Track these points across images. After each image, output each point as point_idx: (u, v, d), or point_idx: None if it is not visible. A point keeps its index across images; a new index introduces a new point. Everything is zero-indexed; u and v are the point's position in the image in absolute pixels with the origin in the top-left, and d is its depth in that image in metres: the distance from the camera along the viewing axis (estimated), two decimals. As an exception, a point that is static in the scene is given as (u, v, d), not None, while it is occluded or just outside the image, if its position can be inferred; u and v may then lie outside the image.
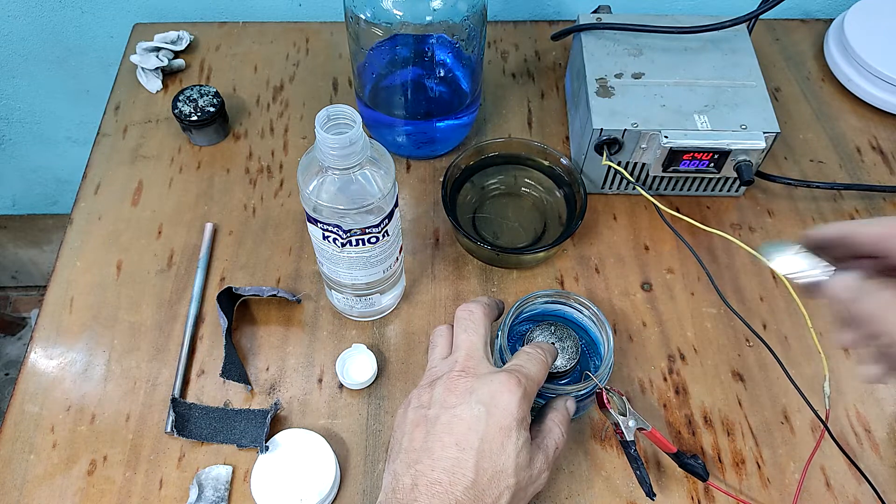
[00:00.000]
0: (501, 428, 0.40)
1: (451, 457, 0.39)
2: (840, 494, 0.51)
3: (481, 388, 0.41)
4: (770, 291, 0.61)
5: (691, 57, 0.66)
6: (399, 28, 0.57)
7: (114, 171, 0.69)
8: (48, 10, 0.83)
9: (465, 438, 0.39)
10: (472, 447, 0.39)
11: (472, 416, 0.40)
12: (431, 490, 0.38)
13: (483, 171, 0.66)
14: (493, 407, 0.40)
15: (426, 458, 0.39)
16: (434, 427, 0.40)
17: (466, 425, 0.40)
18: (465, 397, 0.41)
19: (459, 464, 0.39)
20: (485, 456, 0.39)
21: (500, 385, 0.41)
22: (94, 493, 0.51)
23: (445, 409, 0.41)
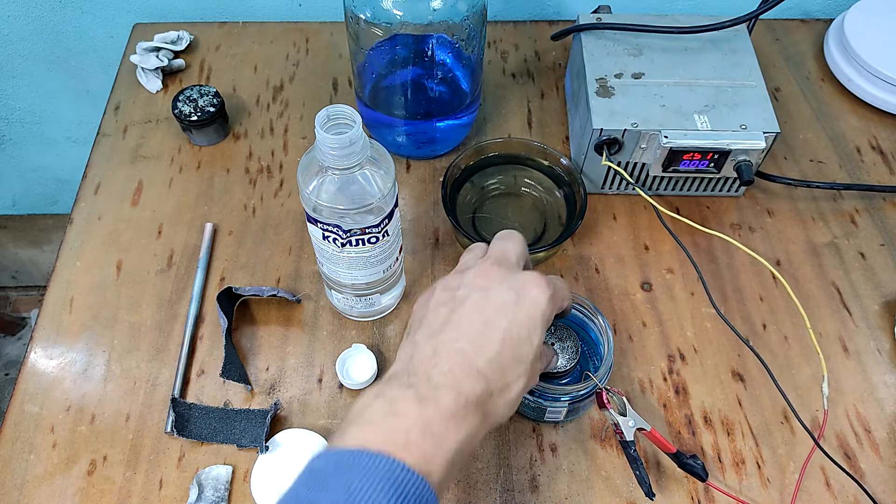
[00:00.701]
0: (530, 317, 0.40)
1: (478, 330, 0.39)
2: (840, 494, 0.51)
3: (514, 278, 0.41)
4: (770, 291, 0.61)
5: (691, 57, 0.66)
6: (399, 28, 0.57)
7: (114, 171, 0.69)
8: (48, 10, 0.83)
9: (494, 318, 0.39)
10: (500, 327, 0.39)
11: (503, 299, 0.40)
12: (453, 357, 0.37)
13: (483, 171, 0.66)
14: (524, 296, 0.40)
15: (451, 329, 0.39)
16: (462, 305, 0.40)
17: (496, 307, 0.39)
18: (497, 283, 0.41)
19: (485, 337, 0.38)
20: (511, 338, 0.39)
21: (532, 280, 0.41)
22: (94, 493, 0.51)
23: (475, 290, 0.40)
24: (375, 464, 0.33)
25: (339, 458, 0.34)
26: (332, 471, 0.34)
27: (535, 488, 0.52)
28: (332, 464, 0.34)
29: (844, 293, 0.62)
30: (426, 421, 0.35)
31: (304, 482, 0.34)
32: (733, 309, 0.60)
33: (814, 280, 0.62)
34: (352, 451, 0.34)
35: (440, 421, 0.35)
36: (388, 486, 0.33)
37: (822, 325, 0.60)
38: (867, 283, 0.62)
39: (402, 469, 0.33)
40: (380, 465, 0.33)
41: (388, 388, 0.37)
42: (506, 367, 0.38)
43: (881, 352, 0.58)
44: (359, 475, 0.33)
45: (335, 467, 0.34)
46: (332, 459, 0.34)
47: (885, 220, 0.66)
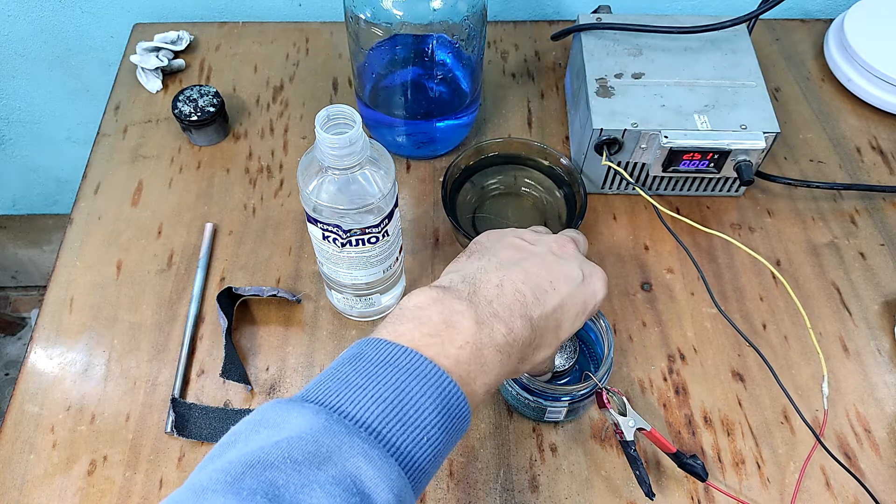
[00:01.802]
0: (584, 302, 0.41)
1: (543, 287, 0.40)
2: (840, 494, 0.51)
3: (585, 262, 0.43)
4: (770, 291, 0.61)
5: (691, 57, 0.66)
6: (399, 28, 0.57)
7: (114, 171, 0.69)
8: (48, 10, 0.83)
9: (559, 283, 0.40)
10: (561, 294, 0.40)
11: (572, 273, 0.41)
12: (514, 297, 0.38)
13: (483, 171, 0.66)
14: (589, 282, 0.42)
15: (519, 271, 0.40)
16: (534, 257, 0.42)
17: (564, 275, 0.41)
18: (570, 257, 0.43)
19: (547, 295, 0.40)
20: (564, 308, 0.40)
21: (599, 273, 0.43)
22: (94, 493, 0.51)
23: (550, 254, 0.42)
24: (427, 370, 0.34)
25: (391, 351, 0.35)
26: (383, 362, 0.34)
27: (535, 488, 0.52)
28: (383, 355, 0.35)
29: (844, 293, 0.62)
30: (479, 344, 0.36)
31: (352, 366, 0.35)
32: (733, 309, 0.60)
33: (814, 280, 0.62)
34: (405, 348, 0.35)
35: (490, 349, 0.36)
36: (437, 395, 0.34)
37: (822, 325, 0.60)
38: (867, 283, 0.62)
39: (450, 383, 0.34)
40: (432, 374, 0.34)
41: (448, 296, 0.38)
42: (549, 329, 0.40)
43: (881, 352, 0.58)
44: (410, 375, 0.34)
45: (386, 360, 0.34)
46: (382, 350, 0.35)
47: (885, 220, 0.66)
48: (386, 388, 0.33)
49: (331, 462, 0.30)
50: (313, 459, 0.30)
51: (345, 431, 0.31)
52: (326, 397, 0.33)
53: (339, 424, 0.31)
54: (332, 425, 0.31)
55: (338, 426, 0.31)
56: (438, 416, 0.33)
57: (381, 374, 0.34)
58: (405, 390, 0.33)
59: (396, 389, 0.33)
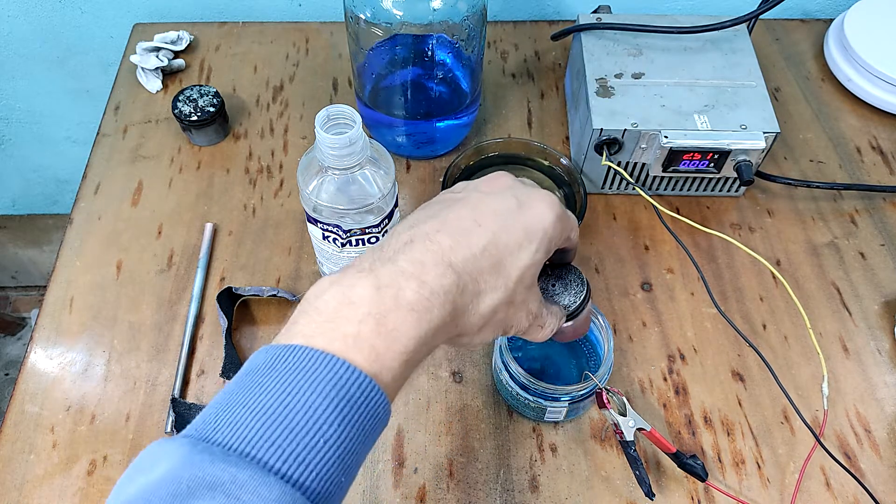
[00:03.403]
0: (526, 230, 0.36)
1: (464, 227, 0.35)
2: (840, 494, 0.51)
3: (521, 189, 0.37)
4: (770, 291, 0.61)
5: (691, 57, 0.66)
6: (399, 28, 0.57)
7: (114, 171, 0.69)
8: (48, 10, 0.83)
9: (486, 220, 0.35)
10: (489, 229, 0.35)
11: (503, 205, 0.36)
12: (427, 246, 0.33)
13: (483, 171, 0.66)
14: (527, 206, 0.36)
15: (435, 222, 0.35)
16: (455, 203, 0.36)
17: (492, 210, 0.36)
18: (501, 189, 0.37)
19: (469, 235, 0.34)
20: (497, 243, 0.35)
21: (541, 195, 0.37)
22: (93, 493, 0.51)
23: (475, 192, 0.37)
24: (316, 362, 0.30)
25: (277, 353, 0.31)
26: (268, 368, 0.30)
27: (535, 488, 0.52)
28: (269, 360, 0.30)
29: (844, 293, 0.62)
30: (381, 312, 0.31)
31: (240, 381, 0.31)
32: (733, 309, 0.60)
33: (814, 280, 0.62)
34: (291, 346, 0.30)
35: (398, 313, 0.31)
36: (329, 388, 0.29)
37: (822, 325, 0.60)
38: (867, 283, 0.62)
39: (346, 368, 0.30)
40: (320, 364, 0.29)
41: (346, 273, 0.33)
42: (483, 270, 0.34)
43: (881, 352, 0.58)
44: (296, 374, 0.29)
45: (272, 364, 0.30)
46: (270, 354, 0.31)
47: (885, 220, 0.66)
48: (269, 397, 0.29)
49: (193, 498, 0.26)
50: (174, 500, 0.26)
51: (208, 461, 0.27)
52: (204, 426, 0.29)
53: (203, 454, 0.27)
54: (195, 456, 0.27)
55: (201, 457, 0.27)
56: (336, 411, 0.29)
57: (267, 381, 0.30)
58: (291, 392, 0.29)
59: (282, 395, 0.29)
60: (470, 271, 0.34)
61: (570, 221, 0.39)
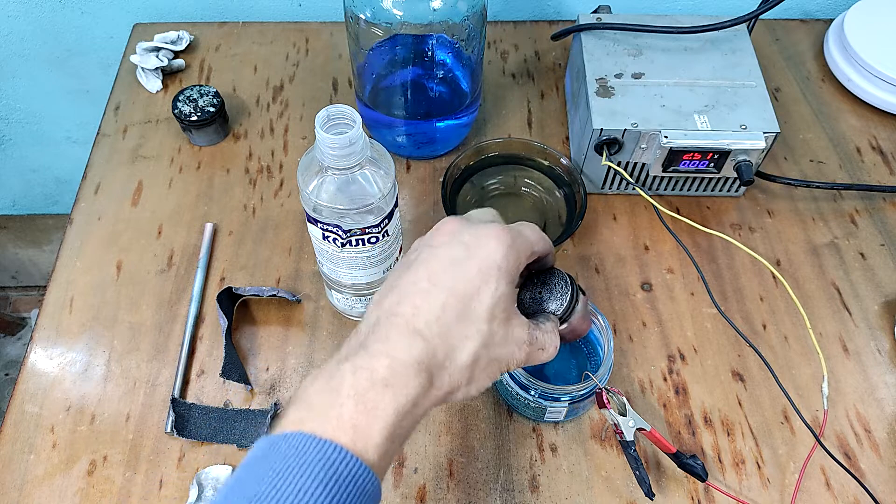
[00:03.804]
0: (480, 270, 0.36)
1: (421, 290, 0.36)
2: (840, 494, 0.51)
3: (467, 231, 0.38)
4: (770, 292, 0.61)
5: (691, 57, 0.66)
6: (399, 28, 0.57)
7: (114, 171, 0.69)
8: (48, 10, 0.83)
9: (440, 276, 0.36)
10: (445, 284, 0.36)
11: (451, 255, 0.37)
12: (391, 321, 0.35)
13: (483, 171, 0.66)
14: (475, 249, 0.37)
15: (395, 293, 0.37)
16: (409, 268, 0.38)
17: (443, 264, 0.37)
18: (448, 238, 0.38)
19: (427, 297, 0.36)
20: (456, 294, 0.36)
21: (487, 231, 0.38)
22: (94, 493, 0.51)
23: (426, 248, 0.38)
24: (304, 445, 0.31)
25: (270, 443, 0.32)
26: (262, 457, 0.32)
27: (535, 488, 0.52)
28: (264, 449, 0.32)
29: (844, 293, 0.62)
30: (359, 392, 0.33)
31: (239, 473, 0.33)
32: (733, 309, 0.60)
33: (814, 280, 0.62)
34: (282, 434, 0.32)
35: (374, 390, 0.33)
36: (318, 469, 0.31)
37: (822, 325, 0.60)
38: (867, 283, 0.62)
39: (332, 448, 0.31)
40: (308, 446, 0.31)
41: (328, 363, 0.35)
42: (450, 326, 0.35)
43: (881, 352, 0.58)
44: (287, 459, 0.31)
45: (265, 453, 0.32)
46: (263, 445, 0.33)
47: (885, 220, 0.66)
48: (264, 485, 0.31)
49: None
50: None
51: None
52: None
53: None
54: None
55: None
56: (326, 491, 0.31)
57: (261, 469, 0.32)
58: (284, 475, 0.31)
59: (275, 481, 0.31)
60: (437, 332, 0.35)
61: (527, 240, 0.40)
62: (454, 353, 0.36)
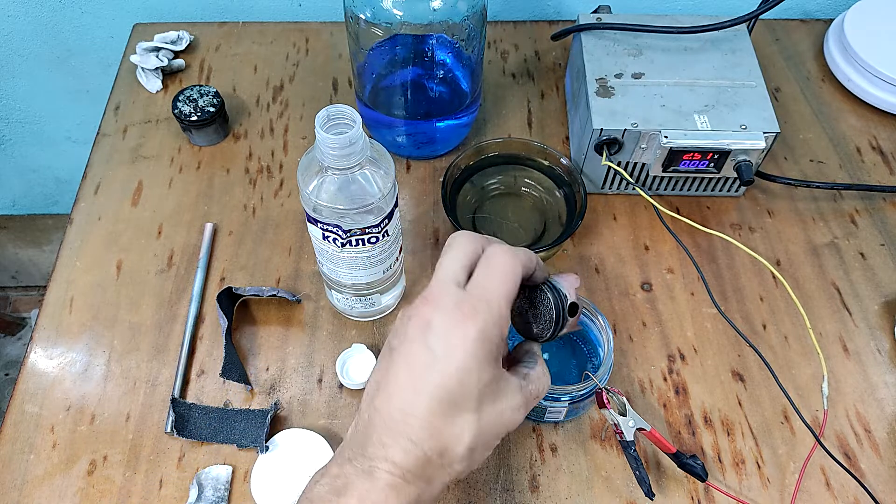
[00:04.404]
0: (458, 368, 0.36)
1: (407, 393, 0.37)
2: (840, 494, 0.51)
3: (437, 323, 0.37)
4: (770, 291, 0.61)
5: (691, 57, 0.66)
6: (399, 28, 0.57)
7: (114, 171, 0.69)
8: (48, 10, 0.83)
9: (421, 377, 0.37)
10: (426, 390, 0.36)
11: (427, 356, 0.37)
12: (384, 426, 0.37)
13: (483, 171, 0.66)
14: (448, 347, 0.37)
15: (383, 393, 0.38)
16: (393, 364, 0.38)
17: (422, 364, 0.37)
18: (421, 332, 0.37)
19: (415, 400, 0.36)
20: (441, 396, 0.36)
21: (454, 322, 0.37)
22: (94, 493, 0.51)
23: (406, 342, 0.38)
24: None
25: None
26: None
27: (535, 488, 0.52)
28: None
29: (844, 293, 0.62)
30: (361, 496, 0.35)
31: None
32: (733, 309, 0.60)
33: (814, 280, 0.62)
34: None
35: (375, 494, 0.35)
36: None
37: (822, 325, 0.60)
38: (867, 283, 0.62)
39: None
40: None
41: (332, 464, 0.38)
42: (439, 429, 0.36)
43: (881, 352, 0.58)
44: None
45: None
46: None
47: (885, 220, 0.66)
48: None
49: None
50: None
51: None
52: None
53: None
54: None
55: None
56: None
57: None
58: None
59: None
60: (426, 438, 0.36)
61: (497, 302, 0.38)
62: (449, 453, 0.37)
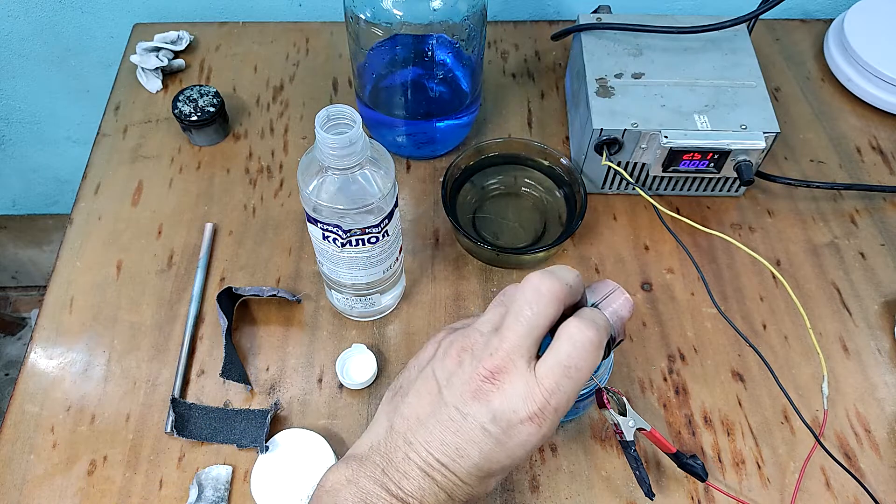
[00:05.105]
0: (509, 455, 0.36)
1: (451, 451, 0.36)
2: (840, 494, 0.51)
3: (502, 405, 0.36)
4: (770, 291, 0.61)
5: (691, 57, 0.66)
6: (399, 28, 0.57)
7: (114, 171, 0.69)
8: (48, 10, 0.83)
9: (467, 450, 0.36)
10: (472, 460, 0.36)
11: (482, 434, 0.36)
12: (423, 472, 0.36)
13: (483, 171, 0.66)
14: (507, 437, 0.36)
15: (424, 433, 0.37)
16: (439, 412, 0.37)
17: (472, 438, 0.36)
18: (482, 405, 0.36)
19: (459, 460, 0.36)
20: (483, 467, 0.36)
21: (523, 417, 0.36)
22: (94, 493, 0.51)
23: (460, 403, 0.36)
24: None
25: None
26: None
27: (535, 488, 0.52)
28: None
29: (844, 293, 0.62)
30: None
31: None
32: (733, 309, 0.60)
33: (814, 280, 0.62)
34: None
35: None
36: None
37: (822, 325, 0.60)
38: (867, 283, 0.62)
39: None
40: None
41: (361, 475, 0.36)
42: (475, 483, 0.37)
43: (881, 352, 0.58)
44: None
45: None
46: None
47: (885, 220, 0.66)
48: None
49: None
50: None
51: None
52: None
53: None
54: None
55: None
56: None
57: None
58: None
59: None
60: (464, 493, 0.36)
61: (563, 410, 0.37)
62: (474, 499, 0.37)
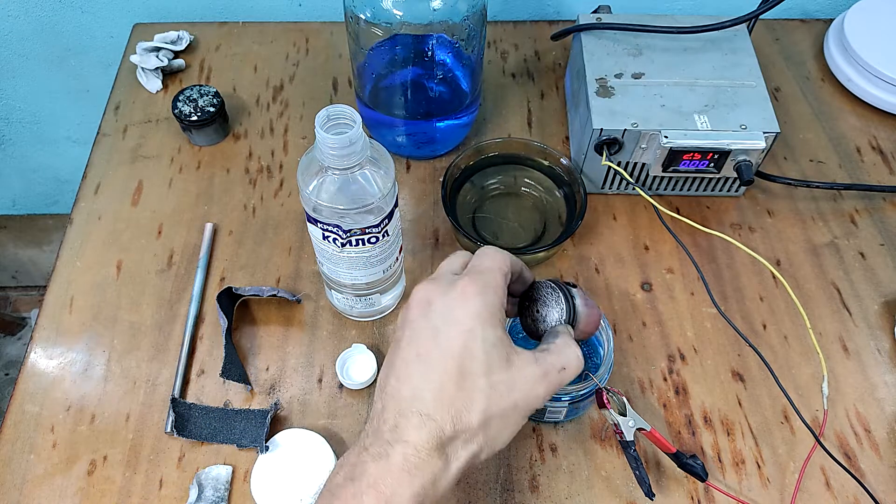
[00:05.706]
0: (461, 332, 0.38)
1: (414, 370, 0.38)
2: (840, 494, 0.51)
3: (437, 299, 0.39)
4: (770, 291, 0.61)
5: (691, 57, 0.66)
6: (399, 28, 0.57)
7: (114, 171, 0.69)
8: (48, 10, 0.83)
9: (427, 353, 0.38)
10: (434, 357, 0.37)
11: (431, 326, 0.38)
12: (396, 408, 0.37)
13: (483, 171, 0.66)
14: (450, 317, 0.38)
15: (393, 377, 0.38)
16: (398, 347, 0.39)
17: (426, 337, 0.38)
18: (421, 310, 0.39)
19: (422, 376, 0.37)
20: (447, 363, 0.37)
21: (453, 295, 0.39)
22: (94, 493, 0.51)
23: (408, 327, 0.39)
24: None
25: None
26: None
27: (535, 488, 0.52)
28: None
29: (844, 293, 0.62)
30: (376, 481, 0.35)
31: None
32: (733, 309, 0.60)
33: (814, 280, 0.62)
34: None
35: (389, 478, 0.35)
36: None
37: (822, 325, 0.60)
38: (867, 283, 0.62)
39: None
40: None
41: (350, 453, 0.38)
42: (451, 397, 0.37)
43: (881, 352, 0.58)
44: None
45: None
46: None
47: (885, 220, 0.66)
48: None
49: None
50: None
51: None
52: None
53: None
54: None
55: None
56: None
57: None
58: None
59: None
60: (440, 408, 0.36)
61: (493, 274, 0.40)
62: (462, 420, 0.36)
